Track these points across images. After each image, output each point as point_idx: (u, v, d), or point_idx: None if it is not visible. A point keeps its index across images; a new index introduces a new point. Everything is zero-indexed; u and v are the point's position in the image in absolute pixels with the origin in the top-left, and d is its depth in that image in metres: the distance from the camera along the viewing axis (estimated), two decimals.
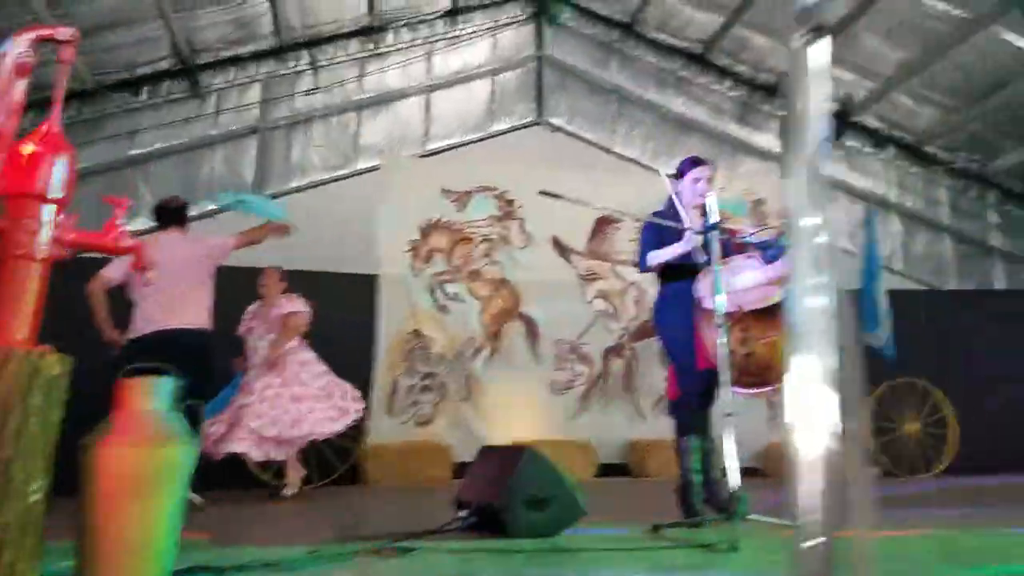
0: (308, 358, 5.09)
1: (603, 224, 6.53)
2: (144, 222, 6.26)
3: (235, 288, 4.85)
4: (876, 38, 8.16)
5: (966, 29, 7.64)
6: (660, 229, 3.29)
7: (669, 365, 3.33)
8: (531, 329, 6.44)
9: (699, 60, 9.09)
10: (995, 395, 7.52)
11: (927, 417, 6.98)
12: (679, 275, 3.24)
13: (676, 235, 3.23)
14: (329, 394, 5.00)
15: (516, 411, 6.25)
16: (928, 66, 8.21)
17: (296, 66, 8.20)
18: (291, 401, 4.86)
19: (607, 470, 6.48)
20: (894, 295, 7.96)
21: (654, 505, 3.35)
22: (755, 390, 2.85)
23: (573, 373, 6.41)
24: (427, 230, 6.44)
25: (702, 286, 2.98)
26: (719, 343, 2.74)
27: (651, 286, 6.61)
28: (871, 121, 9.33)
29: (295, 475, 5.06)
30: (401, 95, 8.60)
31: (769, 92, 9.21)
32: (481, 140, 8.77)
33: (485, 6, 8.76)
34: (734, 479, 2.67)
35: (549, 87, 9.03)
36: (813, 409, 0.95)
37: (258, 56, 8.06)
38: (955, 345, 7.88)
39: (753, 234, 3.21)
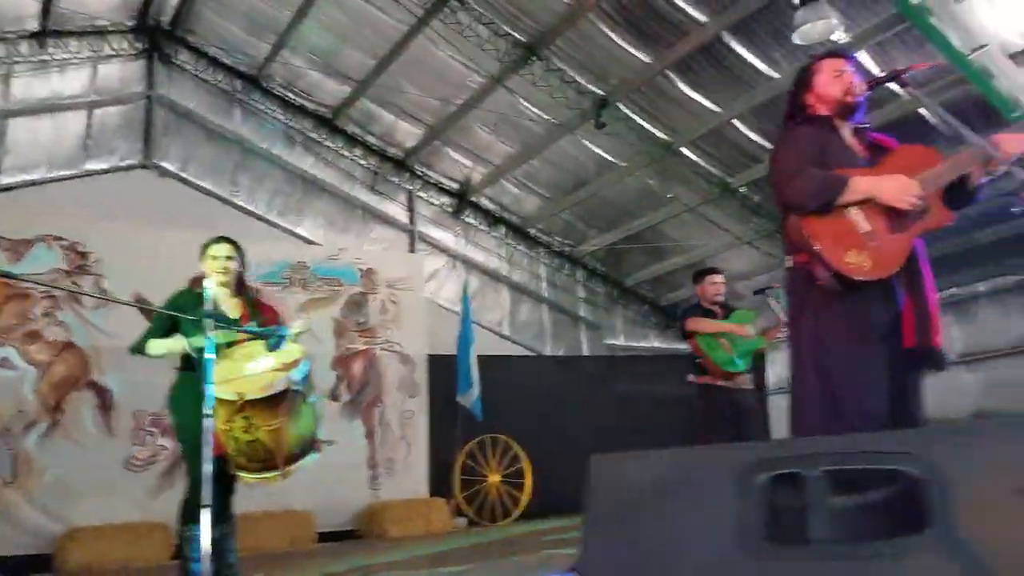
0: None
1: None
2: None
3: None
4: (486, 130, 9.06)
5: (555, 133, 8.87)
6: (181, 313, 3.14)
7: None
8: (103, 399, 5.66)
9: (329, 124, 9.19)
10: (572, 447, 8.54)
11: (508, 469, 7.65)
12: (191, 363, 3.11)
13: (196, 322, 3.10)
14: None
15: (79, 494, 5.39)
16: (528, 160, 9.33)
17: None
18: None
19: None
20: (501, 360, 8.70)
21: None
22: (261, 475, 2.84)
23: (155, 447, 5.75)
24: None
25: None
26: (212, 431, 2.68)
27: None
28: (486, 203, 10.28)
29: None
30: None
31: (398, 164, 9.65)
32: (74, 178, 7.72)
33: (85, 33, 7.84)
34: (205, 568, 2.57)
35: (160, 129, 8.33)
36: None
37: None
38: (544, 403, 8.84)
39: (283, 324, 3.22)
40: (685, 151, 8.81)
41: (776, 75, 7.69)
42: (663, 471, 1.25)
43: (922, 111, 7.78)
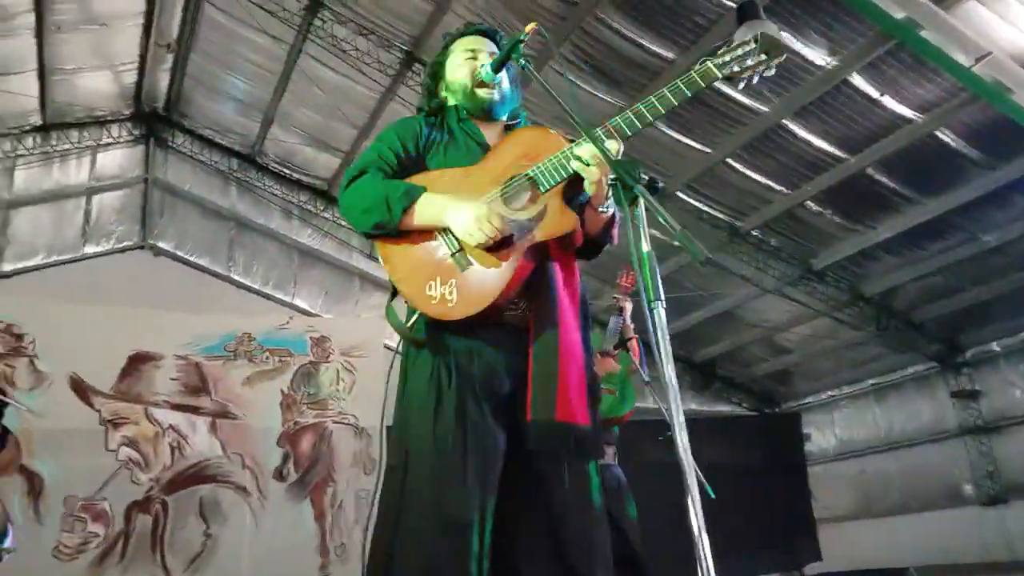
0: None
1: (137, 361, 6.08)
2: None
3: None
4: None
5: None
6: None
7: None
8: (33, 485, 5.68)
9: (325, 195, 9.24)
10: None
11: None
12: None
13: None
14: None
15: None
16: None
17: None
18: None
19: None
20: None
21: None
22: None
23: (86, 535, 5.69)
24: None
25: None
26: None
27: (193, 431, 6.21)
28: None
29: None
30: None
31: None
32: (72, 262, 8.06)
33: (85, 124, 8.27)
34: None
35: (158, 210, 8.63)
36: None
37: None
38: None
39: None
40: (681, 195, 8.24)
41: (764, 108, 7.11)
42: None
43: (940, 134, 6.93)
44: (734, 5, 6.20)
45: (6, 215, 7.86)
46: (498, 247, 1.63)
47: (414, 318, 1.67)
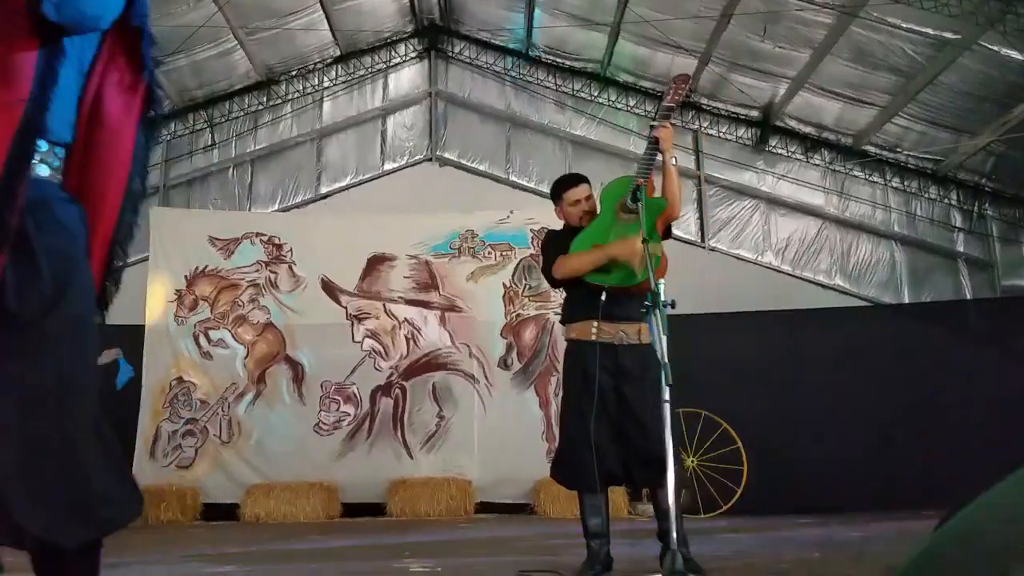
0: None
1: (375, 263, 6.40)
2: None
3: None
4: (756, 39, 7.30)
5: (842, 20, 6.66)
6: None
7: None
8: (296, 372, 6.41)
9: (599, 79, 8.61)
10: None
11: (712, 452, 5.90)
12: None
13: None
14: None
15: (277, 453, 6.25)
16: (820, 61, 7.22)
17: (195, 125, 8.78)
18: None
19: (362, 510, 6.21)
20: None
21: None
22: None
23: (339, 414, 6.29)
24: (193, 279, 6.63)
25: None
26: None
27: (424, 323, 6.37)
28: (797, 126, 8.31)
29: None
30: (292, 144, 8.93)
31: (679, 106, 8.48)
32: (374, 179, 8.89)
33: (375, 48, 8.90)
34: None
35: (442, 122, 8.97)
36: None
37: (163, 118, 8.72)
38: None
39: None
40: None
41: None
42: None
43: None
44: None
45: (319, 144, 8.94)
46: None
47: None
